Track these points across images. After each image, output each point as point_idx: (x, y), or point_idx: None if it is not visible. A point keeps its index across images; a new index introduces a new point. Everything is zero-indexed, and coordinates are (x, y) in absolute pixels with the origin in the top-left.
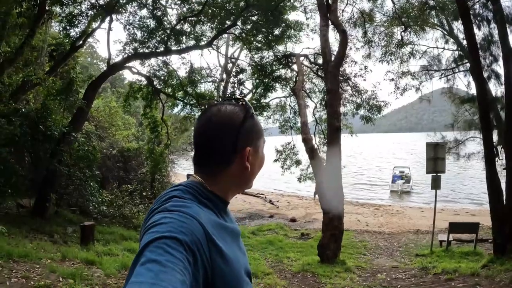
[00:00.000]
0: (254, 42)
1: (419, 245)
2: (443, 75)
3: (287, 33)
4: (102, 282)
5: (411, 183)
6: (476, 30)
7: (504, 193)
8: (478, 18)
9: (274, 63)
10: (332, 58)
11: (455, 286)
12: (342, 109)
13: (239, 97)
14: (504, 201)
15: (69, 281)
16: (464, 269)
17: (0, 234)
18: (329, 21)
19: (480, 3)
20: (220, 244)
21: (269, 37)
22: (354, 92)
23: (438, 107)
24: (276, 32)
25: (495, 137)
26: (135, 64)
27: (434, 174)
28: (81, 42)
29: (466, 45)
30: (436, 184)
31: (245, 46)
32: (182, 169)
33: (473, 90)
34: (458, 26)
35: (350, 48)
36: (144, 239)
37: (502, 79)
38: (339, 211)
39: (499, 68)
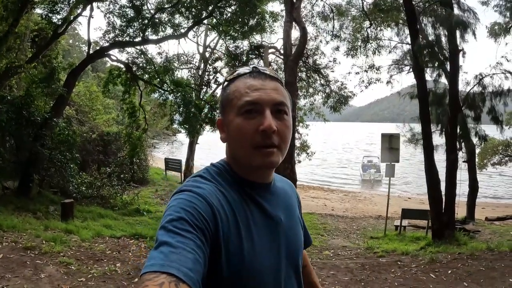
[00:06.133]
0: (230, 32)
1: (377, 229)
2: (410, 70)
3: (262, 24)
4: (77, 245)
5: (381, 172)
6: (431, 30)
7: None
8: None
9: (250, 52)
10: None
11: (379, 261)
12: (313, 99)
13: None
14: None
15: (51, 243)
16: (402, 250)
17: None
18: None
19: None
20: (233, 227)
21: (244, 28)
22: (324, 83)
23: None
24: (251, 22)
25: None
26: (114, 51)
27: (389, 163)
28: (62, 29)
29: (433, 41)
30: (390, 172)
31: (221, 37)
32: (162, 153)
33: (441, 85)
34: (426, 23)
35: (320, 41)
36: (160, 224)
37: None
38: None
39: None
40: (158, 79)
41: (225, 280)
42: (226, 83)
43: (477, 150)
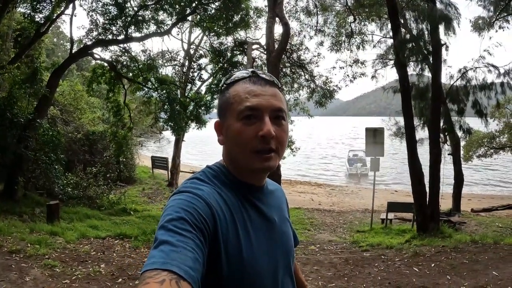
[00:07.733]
0: (215, 28)
1: (363, 222)
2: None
3: (246, 20)
4: (62, 247)
5: (368, 166)
6: (414, 24)
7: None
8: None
9: (235, 49)
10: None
11: (363, 255)
12: (298, 95)
13: None
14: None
15: (36, 246)
16: (387, 243)
17: None
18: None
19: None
20: (232, 228)
21: (229, 24)
22: (309, 78)
23: None
24: (236, 18)
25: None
26: (98, 50)
27: (374, 157)
28: (45, 28)
29: (416, 35)
30: (375, 166)
31: (206, 33)
32: (149, 151)
33: (425, 79)
34: (410, 17)
35: (304, 36)
36: (158, 223)
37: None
38: None
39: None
40: (142, 77)
41: (225, 280)
42: (224, 86)
43: (462, 143)
